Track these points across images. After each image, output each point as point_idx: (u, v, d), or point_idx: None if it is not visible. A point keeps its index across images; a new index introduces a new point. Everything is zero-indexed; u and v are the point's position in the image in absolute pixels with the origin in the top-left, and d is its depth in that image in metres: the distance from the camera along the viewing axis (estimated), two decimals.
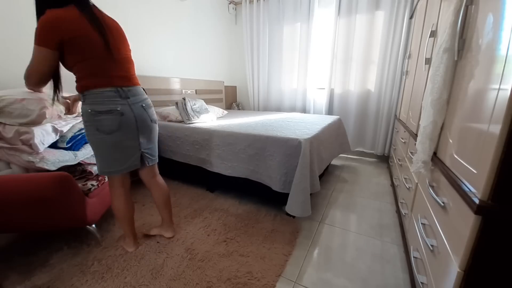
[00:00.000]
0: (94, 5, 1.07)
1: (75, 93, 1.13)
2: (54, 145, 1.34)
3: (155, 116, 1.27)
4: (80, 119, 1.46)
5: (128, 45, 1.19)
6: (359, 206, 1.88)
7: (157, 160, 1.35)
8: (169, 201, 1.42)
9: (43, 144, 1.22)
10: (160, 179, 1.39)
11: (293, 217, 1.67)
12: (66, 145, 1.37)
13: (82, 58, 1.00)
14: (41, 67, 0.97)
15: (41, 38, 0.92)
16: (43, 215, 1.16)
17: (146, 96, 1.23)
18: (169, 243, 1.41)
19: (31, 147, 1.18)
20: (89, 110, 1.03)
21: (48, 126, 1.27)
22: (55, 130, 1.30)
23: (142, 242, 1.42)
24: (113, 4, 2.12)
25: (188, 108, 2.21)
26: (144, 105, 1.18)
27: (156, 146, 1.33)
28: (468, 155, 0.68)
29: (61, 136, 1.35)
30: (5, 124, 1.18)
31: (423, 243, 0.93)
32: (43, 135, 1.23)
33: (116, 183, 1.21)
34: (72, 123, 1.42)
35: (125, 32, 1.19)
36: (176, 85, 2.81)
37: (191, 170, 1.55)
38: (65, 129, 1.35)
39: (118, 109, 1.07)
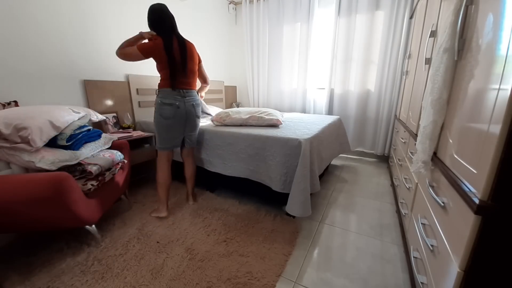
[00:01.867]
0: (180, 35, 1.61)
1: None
2: (54, 144, 1.34)
3: (200, 113, 1.75)
4: (78, 116, 1.52)
5: (196, 61, 1.68)
6: (359, 206, 1.88)
7: (195, 145, 1.85)
8: (194, 176, 1.89)
9: (41, 140, 1.22)
10: (192, 159, 1.86)
11: (293, 217, 1.67)
12: (66, 142, 1.36)
13: (165, 67, 1.52)
14: (131, 57, 1.52)
15: (142, 48, 1.47)
16: (43, 215, 1.16)
17: (197, 97, 1.71)
18: (169, 243, 1.41)
19: (30, 143, 1.18)
20: (160, 101, 1.54)
21: (46, 122, 1.26)
22: (54, 126, 1.29)
23: (142, 242, 1.42)
24: (115, 3, 2.12)
25: None
26: (194, 103, 1.66)
27: (196, 134, 1.81)
28: (468, 155, 0.67)
29: (60, 133, 1.35)
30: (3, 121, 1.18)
31: (423, 243, 0.93)
32: (41, 131, 1.22)
33: (163, 157, 1.65)
34: (70, 121, 1.42)
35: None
36: None
37: None
38: (63, 126, 1.34)
39: (177, 104, 1.56)
